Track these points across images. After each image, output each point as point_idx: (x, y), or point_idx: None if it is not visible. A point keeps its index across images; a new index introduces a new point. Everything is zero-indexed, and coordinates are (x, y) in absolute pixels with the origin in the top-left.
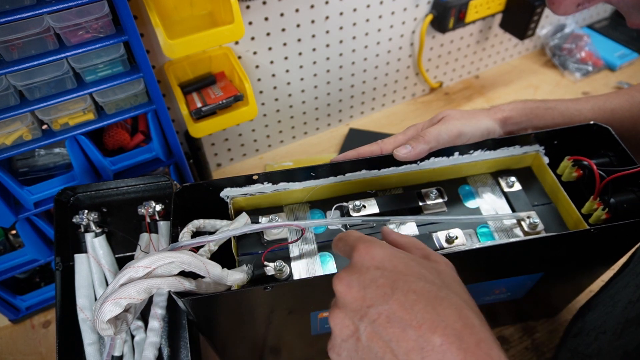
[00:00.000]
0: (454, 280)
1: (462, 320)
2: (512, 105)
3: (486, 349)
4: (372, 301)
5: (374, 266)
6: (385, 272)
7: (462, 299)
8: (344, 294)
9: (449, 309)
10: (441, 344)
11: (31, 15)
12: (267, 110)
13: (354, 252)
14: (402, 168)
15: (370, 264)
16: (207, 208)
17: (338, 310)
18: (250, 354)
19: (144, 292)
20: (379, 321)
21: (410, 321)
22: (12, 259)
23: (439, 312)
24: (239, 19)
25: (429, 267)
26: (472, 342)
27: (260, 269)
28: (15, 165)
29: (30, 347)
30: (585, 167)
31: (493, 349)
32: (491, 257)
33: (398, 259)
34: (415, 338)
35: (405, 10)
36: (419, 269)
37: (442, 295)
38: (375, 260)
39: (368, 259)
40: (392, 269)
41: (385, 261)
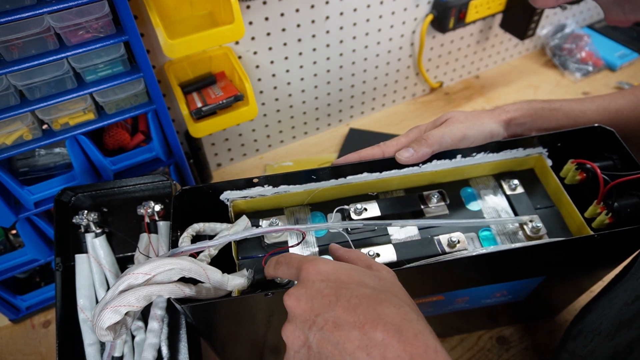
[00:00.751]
0: (394, 285)
1: (401, 316)
2: (516, 105)
3: (423, 339)
4: (319, 310)
5: (319, 279)
6: (329, 283)
7: (401, 299)
8: (293, 308)
9: (388, 307)
10: (383, 339)
11: (31, 15)
12: (267, 110)
13: (301, 272)
14: (404, 170)
15: (316, 278)
16: (207, 211)
17: (289, 324)
18: (250, 355)
19: (143, 299)
20: (326, 327)
21: (354, 323)
22: (12, 258)
23: (379, 311)
24: (239, 18)
25: (369, 274)
26: (411, 334)
27: (261, 273)
28: (15, 165)
29: (30, 347)
30: (589, 170)
31: (430, 339)
32: (493, 262)
33: (341, 270)
34: (359, 337)
35: (405, 10)
36: (360, 277)
37: (381, 297)
38: (320, 274)
39: (314, 273)
40: (336, 280)
41: (330, 274)
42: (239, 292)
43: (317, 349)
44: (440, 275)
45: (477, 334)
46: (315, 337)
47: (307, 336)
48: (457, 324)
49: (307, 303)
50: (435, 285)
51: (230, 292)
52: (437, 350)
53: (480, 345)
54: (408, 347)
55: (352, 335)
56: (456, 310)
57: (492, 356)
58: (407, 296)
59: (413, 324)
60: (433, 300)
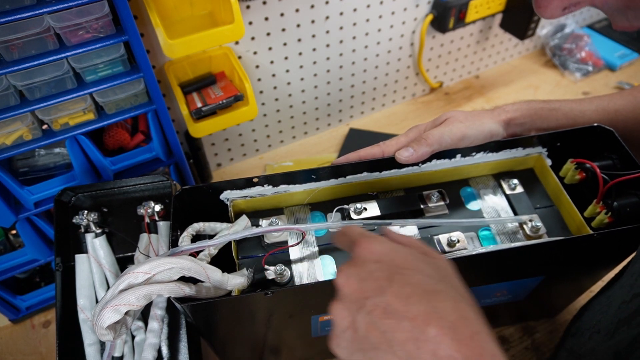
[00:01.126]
0: (452, 276)
1: (458, 313)
2: (516, 105)
3: (480, 341)
4: (369, 293)
5: (372, 260)
6: (383, 266)
7: (459, 293)
8: (343, 286)
9: (444, 301)
10: (435, 335)
11: (31, 15)
12: (267, 110)
13: (355, 247)
14: (404, 170)
15: (370, 258)
16: (207, 211)
17: (338, 302)
18: (250, 355)
19: (143, 298)
20: (375, 312)
21: (405, 313)
22: (12, 259)
23: (434, 305)
24: (239, 19)
25: (427, 261)
26: (467, 333)
27: (261, 273)
28: (15, 165)
29: (30, 347)
30: (589, 170)
31: (488, 342)
32: (493, 262)
33: (396, 253)
34: (410, 329)
35: (405, 10)
36: (417, 262)
37: (438, 288)
38: (374, 254)
39: (368, 253)
40: (390, 263)
41: (384, 255)
42: (239, 292)
43: (363, 333)
44: None
45: None
46: (362, 321)
47: (355, 318)
48: None
49: (358, 284)
50: None
51: (230, 292)
52: (494, 354)
53: None
54: (463, 347)
55: (402, 326)
56: None
57: None
58: (465, 290)
59: (470, 323)
60: None
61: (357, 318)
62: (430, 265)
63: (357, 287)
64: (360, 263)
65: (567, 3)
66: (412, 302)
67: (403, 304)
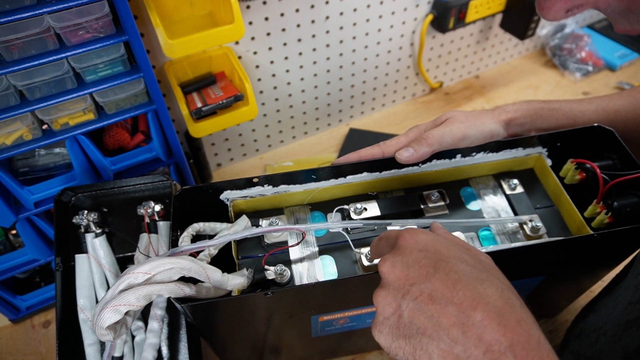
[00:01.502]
0: (494, 268)
1: (503, 300)
2: (516, 106)
3: (526, 327)
4: (415, 280)
5: (417, 249)
6: (428, 254)
7: (503, 283)
8: (387, 274)
9: (490, 288)
10: (482, 319)
11: (31, 15)
12: (267, 110)
13: (399, 240)
14: (404, 170)
15: (414, 247)
16: (207, 211)
17: (382, 289)
18: (250, 355)
19: (143, 298)
20: (420, 298)
21: (451, 298)
22: (12, 259)
23: (480, 291)
24: (239, 19)
25: (470, 254)
26: (513, 319)
27: (261, 273)
28: (15, 165)
29: (30, 347)
30: (589, 170)
31: (534, 328)
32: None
33: (440, 243)
34: (456, 314)
35: (405, 10)
36: (461, 253)
37: (483, 277)
38: (419, 244)
39: (412, 242)
40: (435, 252)
41: (429, 244)
42: (239, 292)
43: (408, 319)
44: None
45: None
46: (408, 307)
47: (400, 304)
48: None
49: (403, 271)
50: None
51: (230, 292)
52: (540, 341)
53: None
54: (509, 332)
55: (448, 311)
56: None
57: None
58: (508, 281)
59: (516, 310)
60: None
61: (402, 304)
62: (473, 257)
63: (403, 274)
64: (405, 251)
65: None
66: (458, 288)
67: (449, 290)
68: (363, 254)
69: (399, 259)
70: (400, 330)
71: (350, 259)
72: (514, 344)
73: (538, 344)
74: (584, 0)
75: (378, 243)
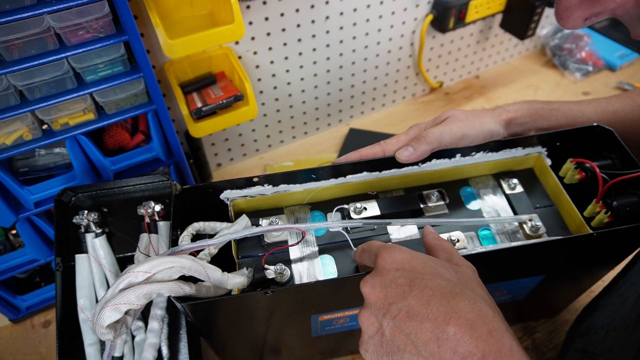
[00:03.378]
0: (472, 280)
1: (475, 312)
2: (517, 105)
3: (498, 337)
4: (393, 299)
5: (394, 268)
6: (404, 273)
7: (477, 294)
8: (368, 295)
9: (462, 302)
10: (454, 333)
11: (31, 15)
12: (267, 110)
13: (378, 259)
14: (404, 170)
15: (391, 267)
16: (207, 210)
17: (364, 310)
18: (250, 355)
19: (143, 297)
20: (399, 316)
21: (426, 314)
22: (12, 259)
23: (452, 305)
24: (239, 19)
25: (447, 267)
26: (484, 330)
27: (261, 272)
28: (15, 165)
29: (30, 347)
30: (588, 169)
31: (505, 337)
32: (493, 261)
33: (416, 260)
34: (431, 329)
35: (405, 10)
36: (437, 268)
37: (456, 291)
38: (395, 262)
39: (389, 262)
40: (411, 270)
41: (405, 263)
42: (238, 291)
43: (390, 337)
44: None
45: None
46: (388, 325)
47: (381, 323)
48: None
49: (382, 291)
50: None
51: (230, 291)
52: (512, 349)
53: None
54: (481, 343)
55: (424, 327)
56: None
57: None
58: (485, 292)
59: (488, 321)
60: None
61: (384, 323)
62: (449, 270)
63: (382, 294)
64: (384, 272)
65: (588, 14)
66: (432, 304)
67: (424, 306)
68: None
69: (377, 279)
70: (384, 347)
71: (350, 258)
72: (486, 355)
73: (510, 352)
74: (602, 9)
75: (361, 254)
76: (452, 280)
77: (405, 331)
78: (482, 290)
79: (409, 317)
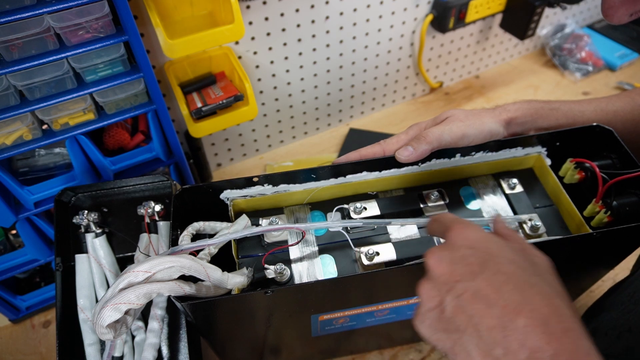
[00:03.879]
0: (548, 272)
1: (551, 308)
2: (517, 105)
3: (574, 337)
4: (460, 277)
5: (466, 245)
6: (476, 252)
7: (555, 290)
8: (434, 267)
9: (538, 295)
10: (525, 325)
11: (31, 15)
12: (267, 110)
13: (449, 232)
14: (403, 169)
15: (463, 243)
16: (207, 210)
17: (427, 281)
18: (250, 355)
19: (143, 297)
20: (464, 296)
21: (496, 300)
22: (12, 259)
23: (526, 296)
24: (239, 19)
25: (523, 256)
26: (559, 329)
27: (261, 272)
28: (15, 165)
29: (30, 347)
30: (588, 169)
31: (582, 339)
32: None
33: (491, 242)
34: (499, 316)
35: (405, 10)
36: (513, 254)
37: (532, 281)
38: (468, 240)
39: (461, 238)
40: (485, 251)
41: (478, 242)
42: (239, 291)
43: (450, 315)
44: None
45: None
46: (451, 303)
47: (443, 299)
48: None
49: (449, 266)
50: None
51: (230, 291)
52: (589, 353)
53: None
54: (554, 341)
55: (491, 312)
56: None
57: None
58: (562, 288)
59: (564, 319)
60: None
61: (446, 299)
62: (525, 259)
63: (449, 269)
64: (454, 247)
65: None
66: (503, 291)
67: (494, 291)
68: (363, 253)
69: (446, 254)
70: (442, 324)
71: (350, 258)
72: (558, 354)
73: (587, 355)
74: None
75: (432, 224)
76: (528, 270)
77: (468, 312)
78: (559, 285)
79: (475, 299)
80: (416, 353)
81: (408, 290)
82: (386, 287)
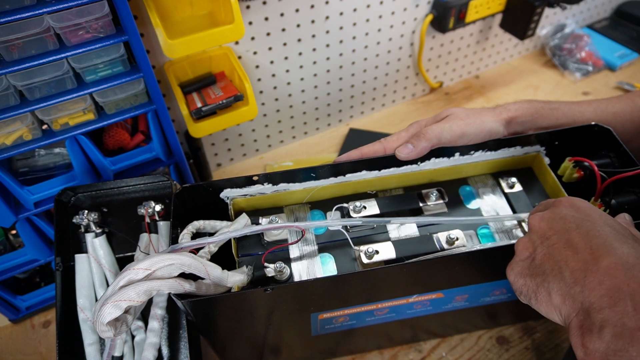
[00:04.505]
0: None
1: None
2: (517, 104)
3: None
4: (555, 231)
5: (568, 206)
6: (576, 213)
7: None
8: (534, 225)
9: (628, 248)
10: (607, 267)
11: (31, 15)
12: (267, 110)
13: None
14: (403, 169)
15: (566, 204)
16: (207, 209)
17: (525, 236)
18: (250, 354)
19: (143, 294)
20: (556, 246)
21: (584, 247)
22: (12, 259)
23: (615, 246)
24: (239, 19)
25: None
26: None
27: (261, 270)
28: (15, 165)
29: (30, 347)
30: (587, 168)
31: None
32: (491, 258)
33: (594, 210)
34: (584, 260)
35: (405, 10)
36: (612, 222)
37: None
38: (571, 202)
39: (566, 202)
40: (585, 214)
41: (581, 207)
42: (238, 289)
43: (539, 262)
44: (439, 272)
45: (477, 333)
46: (542, 252)
47: (535, 249)
48: (457, 323)
49: (548, 223)
50: (435, 282)
51: (230, 289)
52: None
53: (480, 345)
54: (633, 283)
55: (577, 257)
56: (456, 309)
57: (492, 356)
58: None
59: None
60: (432, 297)
61: (538, 249)
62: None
63: (547, 226)
64: (556, 209)
65: None
66: (594, 242)
67: (585, 242)
68: (362, 252)
69: (548, 213)
70: (529, 270)
71: (349, 256)
72: (635, 294)
73: None
74: None
75: (537, 207)
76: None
77: (556, 258)
78: None
79: (566, 247)
80: (416, 353)
81: (407, 288)
82: (385, 286)
